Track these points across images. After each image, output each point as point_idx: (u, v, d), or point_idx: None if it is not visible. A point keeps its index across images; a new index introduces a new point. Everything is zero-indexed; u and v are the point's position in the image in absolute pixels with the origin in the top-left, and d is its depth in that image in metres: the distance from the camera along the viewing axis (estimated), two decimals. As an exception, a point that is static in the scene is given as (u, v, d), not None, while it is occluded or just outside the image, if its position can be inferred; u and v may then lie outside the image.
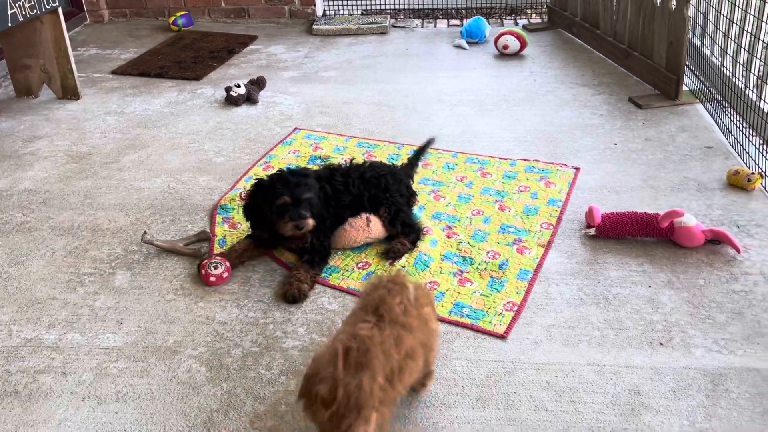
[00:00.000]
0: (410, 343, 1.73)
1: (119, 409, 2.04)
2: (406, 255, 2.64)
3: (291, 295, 2.45)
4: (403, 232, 2.71)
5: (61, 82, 4.28)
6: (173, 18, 5.66)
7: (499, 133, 3.68)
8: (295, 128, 3.82)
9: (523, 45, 4.81)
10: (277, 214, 2.51)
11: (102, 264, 2.72)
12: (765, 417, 1.93)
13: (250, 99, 4.19)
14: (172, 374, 2.17)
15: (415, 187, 3.08)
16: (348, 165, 2.84)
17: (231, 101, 4.15)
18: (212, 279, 2.53)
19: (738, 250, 2.60)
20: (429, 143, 3.23)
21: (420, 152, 3.22)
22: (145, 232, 2.69)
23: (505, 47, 4.82)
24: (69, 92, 4.32)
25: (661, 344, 2.21)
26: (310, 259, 2.57)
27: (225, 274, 2.55)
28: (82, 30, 5.82)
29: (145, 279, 2.62)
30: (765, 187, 3.01)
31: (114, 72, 4.79)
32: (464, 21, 5.71)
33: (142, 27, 5.86)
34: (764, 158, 3.08)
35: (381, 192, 2.74)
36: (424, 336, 1.81)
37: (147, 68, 4.81)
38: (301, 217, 2.47)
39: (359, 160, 3.00)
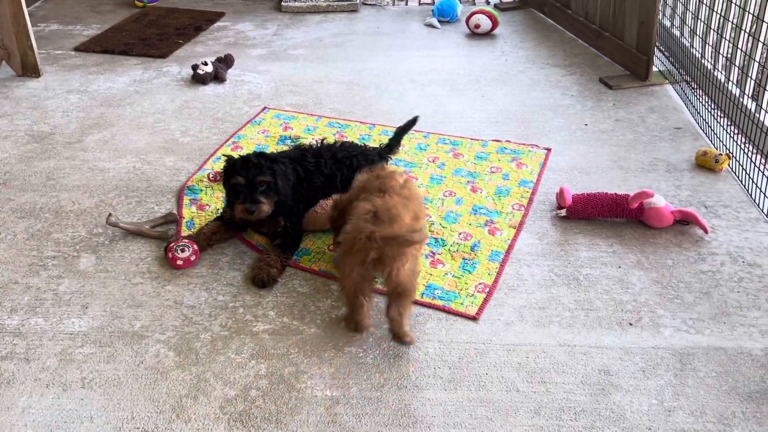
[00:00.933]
0: (413, 206, 2.15)
1: (85, 395, 2.00)
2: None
3: (260, 280, 2.42)
4: None
5: (21, 58, 4.14)
6: (138, -7, 5.51)
7: (471, 113, 3.67)
8: (264, 107, 3.76)
9: (495, 24, 4.79)
10: (232, 195, 2.48)
11: (66, 247, 2.65)
12: (731, 395, 1.96)
13: (217, 77, 4.10)
14: (140, 359, 2.12)
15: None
16: (319, 145, 2.80)
17: (198, 79, 4.06)
18: (179, 262, 2.48)
19: (706, 231, 2.63)
20: (412, 123, 3.13)
21: (402, 132, 3.12)
22: (110, 214, 2.62)
23: (477, 26, 4.79)
24: (29, 69, 4.18)
25: (631, 324, 2.23)
26: (281, 244, 2.53)
27: (192, 257, 2.51)
28: (42, 5, 5.63)
29: (110, 262, 2.56)
30: (732, 168, 3.04)
31: (76, 49, 4.65)
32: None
33: (105, 2, 5.68)
34: (732, 139, 3.11)
35: (353, 173, 2.71)
36: (418, 205, 2.21)
37: (111, 45, 4.68)
38: (255, 201, 2.42)
39: (330, 140, 2.96)
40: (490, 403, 1.96)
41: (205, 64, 4.07)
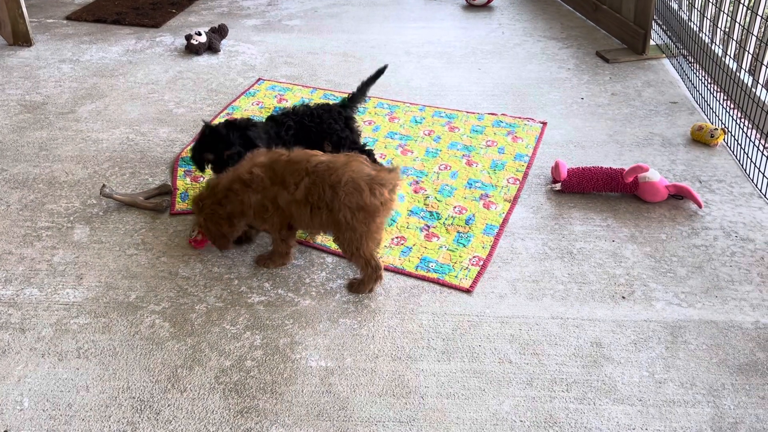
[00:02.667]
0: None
1: (80, 365, 2.01)
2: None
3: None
4: None
5: (12, 27, 4.08)
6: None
7: (467, 86, 3.65)
8: (259, 79, 3.73)
9: (492, -4, 4.74)
10: (202, 169, 2.59)
11: (60, 218, 2.64)
12: (721, 367, 1.99)
13: (211, 48, 4.06)
14: (135, 330, 2.13)
15: (382, 141, 3.05)
16: (294, 107, 2.80)
17: (192, 50, 4.02)
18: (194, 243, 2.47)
19: (700, 205, 2.64)
20: (379, 73, 3.00)
21: (368, 83, 2.99)
22: (104, 186, 2.61)
23: (474, -2, 4.74)
24: (20, 38, 4.12)
25: (623, 297, 2.24)
26: None
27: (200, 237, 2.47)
28: (33, -28, 5.54)
29: (105, 233, 2.56)
30: (728, 143, 3.04)
31: (68, 17, 4.59)
32: (432, -30, 5.58)
33: (97, -30, 5.59)
34: (728, 114, 3.11)
35: (323, 126, 2.72)
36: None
37: (103, 14, 4.61)
38: None
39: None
40: (483, 374, 1.98)
41: (199, 34, 4.03)
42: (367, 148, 2.83)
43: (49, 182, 2.85)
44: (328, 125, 2.72)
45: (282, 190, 2.17)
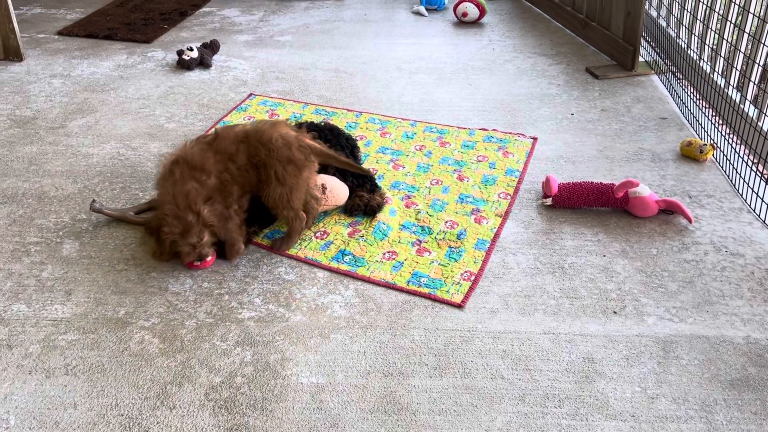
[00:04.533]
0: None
1: (68, 382, 1.98)
2: (367, 217, 2.63)
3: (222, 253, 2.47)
4: (358, 184, 2.73)
5: (3, 42, 4.08)
6: (122, -23, 5.43)
7: (458, 102, 3.66)
8: (251, 94, 3.73)
9: (482, 13, 4.78)
10: None
11: (49, 233, 2.62)
12: (713, 382, 1.99)
13: (203, 63, 4.06)
14: (124, 346, 2.11)
15: (374, 156, 3.06)
16: (304, 125, 2.81)
17: (183, 65, 4.02)
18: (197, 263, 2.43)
19: (690, 220, 2.65)
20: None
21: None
22: (93, 200, 2.59)
23: (465, 15, 4.78)
24: (11, 53, 4.11)
25: (615, 312, 2.24)
26: (248, 218, 2.55)
27: (210, 258, 2.44)
28: (25, -12, 5.54)
29: (94, 248, 2.54)
30: (716, 159, 3.06)
31: (59, 33, 4.59)
32: (423, -13, 5.63)
33: (88, -14, 5.61)
34: (716, 130, 3.13)
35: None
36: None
37: (95, 29, 4.62)
38: None
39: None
40: (476, 390, 1.97)
41: (191, 49, 4.03)
42: (370, 174, 2.81)
43: (39, 197, 2.83)
44: (335, 150, 2.72)
45: (228, 161, 2.38)
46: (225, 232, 2.35)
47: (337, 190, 2.65)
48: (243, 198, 2.45)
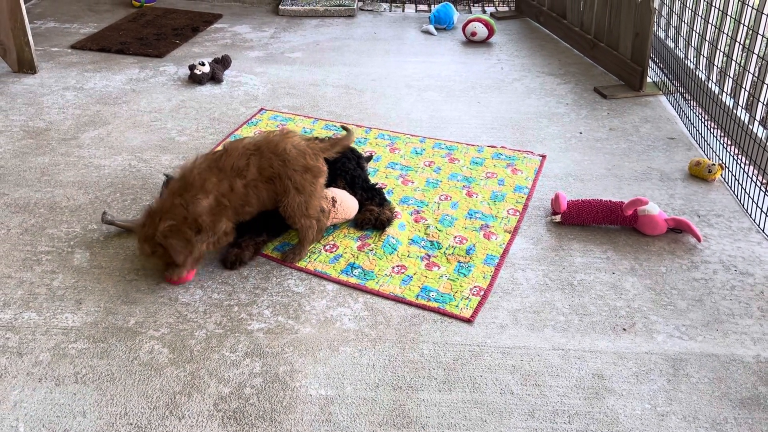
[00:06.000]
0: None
1: (78, 390, 1.99)
2: (377, 231, 2.66)
3: (229, 261, 2.50)
4: (368, 197, 2.75)
5: (17, 55, 4.12)
6: (135, -7, 5.50)
7: (467, 119, 3.69)
8: (261, 109, 3.76)
9: (491, 32, 4.82)
10: None
11: (60, 242, 2.64)
12: (723, 400, 1.98)
13: (214, 78, 4.10)
14: (134, 355, 2.12)
15: (383, 171, 3.08)
16: None
17: (195, 79, 4.06)
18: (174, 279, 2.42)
19: (699, 239, 2.66)
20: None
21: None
22: (105, 212, 2.61)
23: (473, 34, 4.82)
24: (25, 65, 4.16)
25: (624, 330, 2.24)
26: (257, 227, 2.59)
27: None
28: (39, 2, 5.62)
29: (105, 258, 2.55)
30: (725, 178, 3.07)
31: (73, 46, 4.64)
32: (432, 7, 5.69)
33: (102, 1, 5.68)
34: (725, 150, 3.14)
35: (337, 165, 2.75)
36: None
37: (107, 44, 4.67)
38: None
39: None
40: (485, 404, 1.96)
41: (202, 64, 4.07)
42: (377, 186, 2.85)
43: (50, 207, 2.85)
44: (342, 164, 2.75)
45: (235, 178, 2.36)
46: (171, 250, 2.28)
47: (347, 204, 2.67)
48: (226, 227, 2.39)
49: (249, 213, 2.46)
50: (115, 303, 2.33)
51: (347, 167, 2.77)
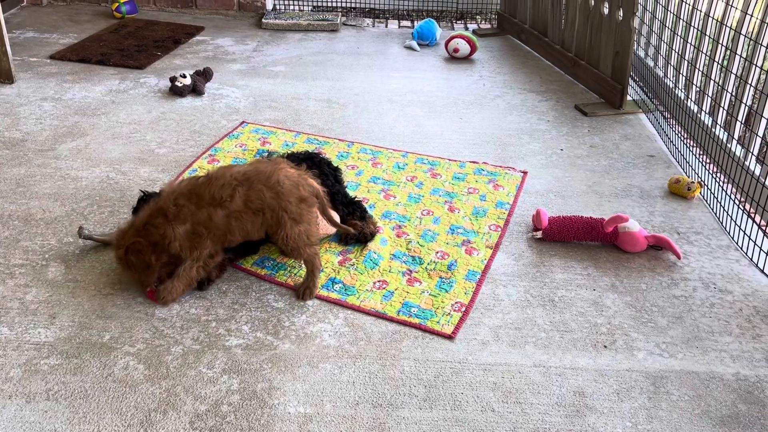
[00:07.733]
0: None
1: (49, 407, 1.93)
2: (359, 245, 2.64)
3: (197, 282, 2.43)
4: (349, 212, 2.73)
5: (-6, 64, 4.07)
6: (116, 4, 5.47)
7: (449, 134, 3.69)
8: (243, 122, 3.74)
9: (473, 49, 4.85)
10: None
11: (34, 255, 2.58)
12: (703, 418, 1.98)
13: (195, 90, 4.07)
14: (108, 372, 2.07)
15: (365, 185, 3.06)
16: (269, 154, 2.83)
17: (176, 92, 4.03)
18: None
19: (678, 256, 2.67)
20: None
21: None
22: (81, 227, 2.57)
23: (456, 50, 4.85)
24: (2, 75, 4.10)
25: (605, 347, 2.23)
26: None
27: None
28: (18, 12, 5.56)
29: (80, 272, 2.50)
30: (704, 196, 3.10)
31: (52, 57, 4.59)
32: (415, 23, 5.72)
33: (83, 12, 5.63)
34: (704, 168, 3.17)
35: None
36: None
37: (87, 54, 4.62)
38: None
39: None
40: (466, 422, 1.94)
41: (184, 76, 4.04)
42: (357, 199, 2.83)
43: (25, 219, 2.80)
44: (321, 181, 2.72)
45: (215, 208, 2.27)
46: (131, 267, 2.30)
47: (323, 221, 2.64)
48: (211, 249, 2.35)
49: (231, 242, 2.37)
50: (89, 318, 2.28)
51: (326, 184, 2.73)
